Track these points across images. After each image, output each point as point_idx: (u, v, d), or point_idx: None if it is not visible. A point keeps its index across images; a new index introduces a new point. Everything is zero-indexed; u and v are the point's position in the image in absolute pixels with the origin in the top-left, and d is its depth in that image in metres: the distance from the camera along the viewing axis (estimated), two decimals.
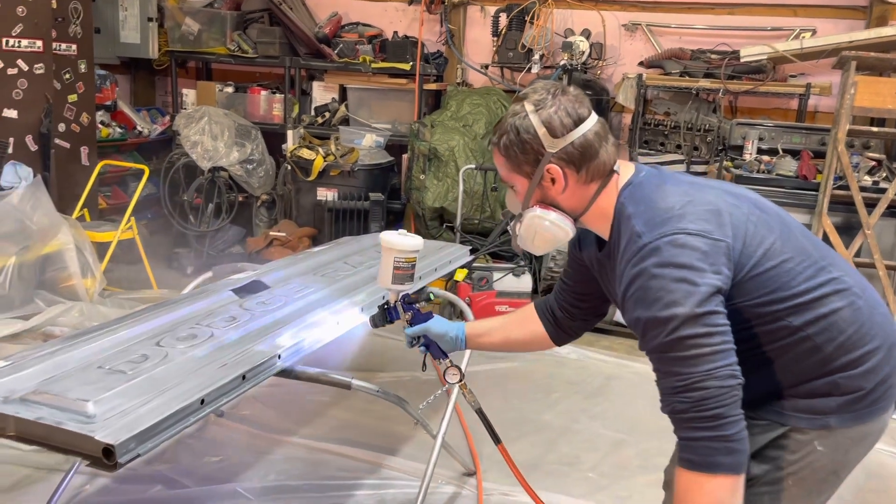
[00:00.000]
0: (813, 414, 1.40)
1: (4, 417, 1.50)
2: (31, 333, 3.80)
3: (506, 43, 5.25)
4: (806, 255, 1.40)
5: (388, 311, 1.92)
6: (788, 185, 4.14)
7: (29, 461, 2.74)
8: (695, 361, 1.28)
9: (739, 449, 1.28)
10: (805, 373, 1.40)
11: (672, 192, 1.41)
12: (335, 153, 5.08)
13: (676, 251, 1.31)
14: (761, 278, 1.36)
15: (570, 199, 1.49)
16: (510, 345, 1.94)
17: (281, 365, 1.90)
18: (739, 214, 1.40)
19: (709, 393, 1.27)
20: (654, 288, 1.31)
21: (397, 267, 1.84)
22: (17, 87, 4.51)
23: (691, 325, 1.28)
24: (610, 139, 1.49)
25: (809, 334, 1.37)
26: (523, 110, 1.47)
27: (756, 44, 4.65)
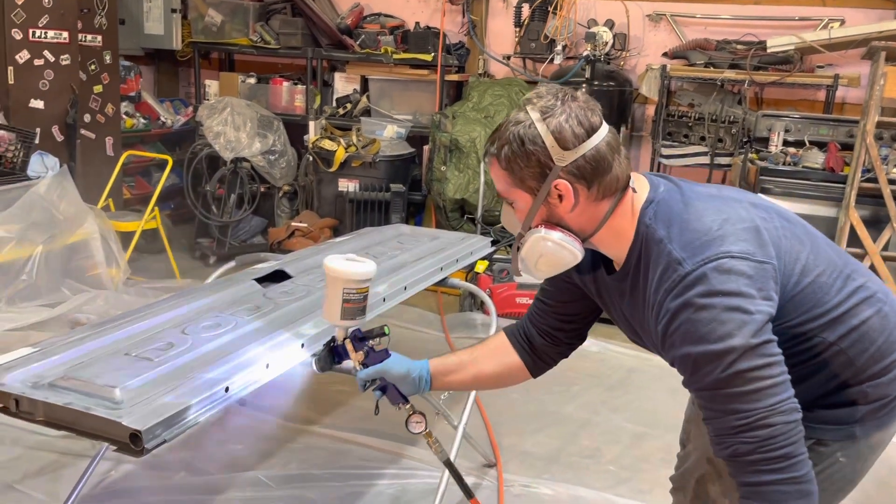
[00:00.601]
0: (838, 424, 1.34)
1: (34, 403, 1.52)
2: (57, 321, 3.86)
3: (528, 33, 5.22)
4: (833, 265, 1.34)
5: (336, 350, 1.65)
6: (815, 177, 4.08)
7: (55, 447, 2.79)
8: (756, 396, 1.18)
9: (812, 491, 1.19)
10: (835, 385, 1.34)
11: (703, 209, 1.29)
12: (357, 144, 5.08)
13: (723, 277, 1.19)
14: (799, 297, 1.28)
15: (579, 218, 1.33)
16: (482, 381, 1.72)
17: (304, 353, 1.91)
18: (773, 230, 1.30)
19: (776, 430, 1.17)
20: (703, 320, 1.19)
21: (347, 299, 1.56)
22: (43, 77, 4.56)
23: (749, 357, 1.17)
24: (622, 151, 1.34)
25: (843, 348, 1.31)
26: (528, 118, 1.30)
27: (783, 34, 4.59)
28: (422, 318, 4.34)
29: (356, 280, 1.56)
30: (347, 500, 2.60)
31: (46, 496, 2.51)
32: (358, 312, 1.60)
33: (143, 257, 5.27)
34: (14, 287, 3.93)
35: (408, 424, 1.69)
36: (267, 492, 2.61)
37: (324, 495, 2.62)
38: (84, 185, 4.67)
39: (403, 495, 2.65)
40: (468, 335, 4.18)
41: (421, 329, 4.23)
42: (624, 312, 1.44)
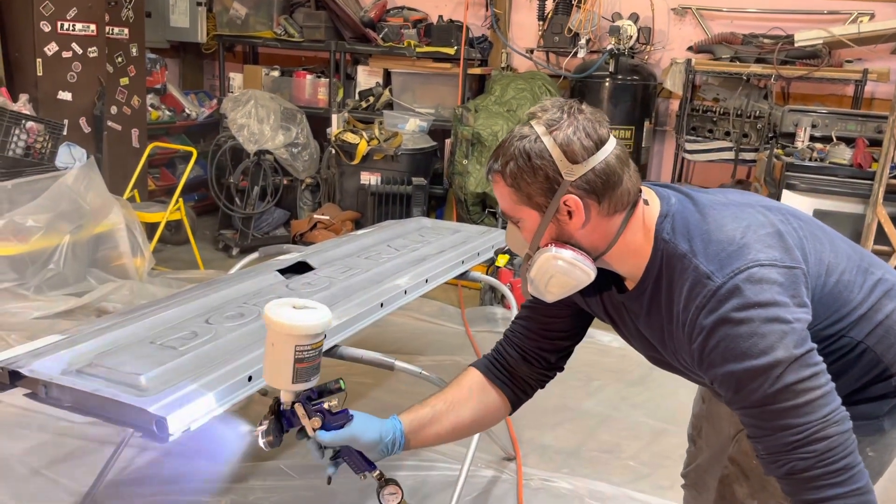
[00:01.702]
0: (867, 419, 1.30)
1: (62, 389, 1.55)
2: (84, 310, 3.92)
3: (552, 27, 5.20)
4: (851, 260, 1.30)
5: (284, 417, 1.34)
6: (842, 173, 4.03)
7: (81, 433, 2.83)
8: (808, 409, 1.12)
9: (874, 501, 1.14)
10: (863, 383, 1.31)
11: (721, 218, 1.24)
12: (379, 137, 5.10)
13: (757, 288, 1.14)
14: (827, 298, 1.24)
15: (590, 235, 1.26)
16: (460, 430, 1.53)
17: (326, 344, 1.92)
18: (793, 232, 1.26)
19: (833, 442, 1.12)
20: (743, 335, 1.13)
21: (300, 359, 1.25)
22: (71, 70, 4.62)
23: (795, 369, 1.12)
24: (632, 164, 1.27)
25: (870, 346, 1.27)
26: (533, 132, 1.23)
27: (811, 28, 4.52)
28: (442, 312, 4.35)
29: (311, 335, 1.26)
30: (367, 490, 2.61)
31: (72, 482, 2.55)
32: (312, 372, 1.29)
33: (167, 248, 5.33)
34: (42, 276, 4.00)
35: (380, 497, 1.43)
36: (288, 481, 2.64)
37: (344, 486, 2.63)
38: (110, 176, 4.73)
39: (422, 487, 2.66)
40: (488, 329, 4.19)
41: (441, 322, 4.24)
42: (640, 330, 1.37)
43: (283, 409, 1.33)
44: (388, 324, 4.05)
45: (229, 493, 2.54)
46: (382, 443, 1.42)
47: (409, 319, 4.22)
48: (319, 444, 1.36)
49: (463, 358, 3.79)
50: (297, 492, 2.58)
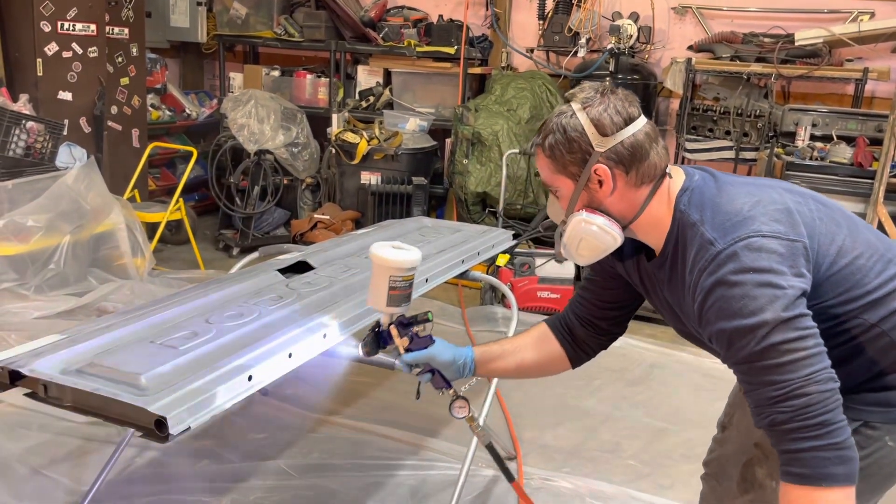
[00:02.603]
0: (886, 407, 1.35)
1: (62, 388, 1.55)
2: (84, 310, 3.91)
3: (552, 26, 5.20)
4: (873, 249, 1.35)
5: (381, 335, 1.66)
6: (842, 172, 4.03)
7: (82, 433, 2.84)
8: (791, 367, 1.21)
9: (851, 457, 1.21)
10: (880, 369, 1.35)
11: (736, 193, 1.35)
12: (379, 137, 5.10)
13: (754, 255, 1.24)
14: (836, 277, 1.31)
15: (618, 203, 1.39)
16: (524, 370, 1.76)
17: (326, 343, 1.92)
18: (807, 212, 1.34)
19: (812, 399, 1.20)
20: (736, 296, 1.24)
21: (393, 287, 1.57)
22: (71, 69, 4.62)
23: (782, 330, 1.21)
24: (660, 141, 1.41)
25: (885, 330, 1.32)
26: (570, 109, 1.39)
27: (811, 27, 4.52)
28: (443, 311, 4.35)
29: (403, 268, 1.57)
30: (368, 490, 2.62)
31: (72, 481, 2.55)
32: (403, 299, 1.61)
33: (167, 248, 5.33)
34: (42, 276, 4.00)
35: (451, 409, 1.71)
36: (289, 481, 2.64)
37: (344, 485, 2.64)
38: (110, 176, 4.73)
39: (423, 486, 2.66)
40: (489, 328, 4.19)
41: (441, 322, 4.24)
42: (667, 299, 1.47)
43: (381, 329, 1.65)
44: None
45: (230, 492, 2.54)
46: (455, 364, 1.65)
47: None
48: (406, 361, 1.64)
49: None
50: (297, 491, 2.58)
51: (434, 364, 1.64)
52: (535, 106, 5.06)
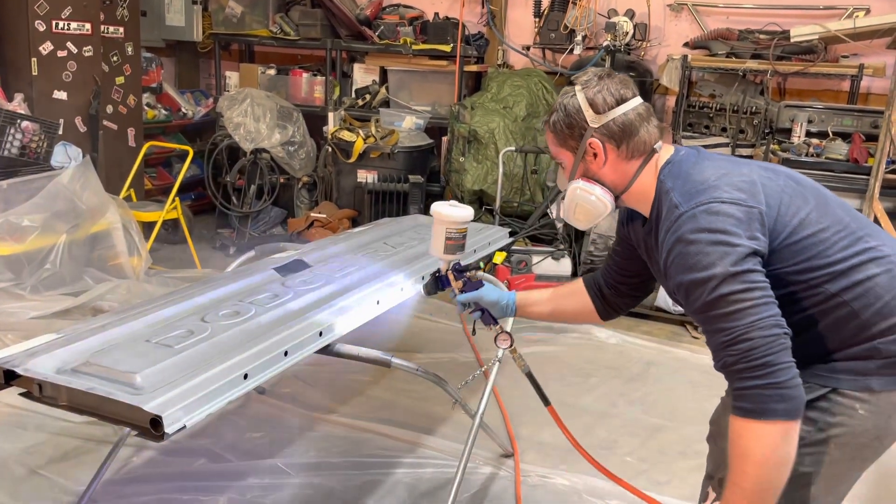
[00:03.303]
0: (854, 375, 1.42)
1: (57, 388, 1.55)
2: (81, 309, 3.91)
3: (548, 24, 5.19)
4: (843, 225, 1.45)
5: (440, 279, 1.99)
6: (838, 168, 4.03)
7: (78, 433, 2.83)
8: (738, 315, 1.33)
9: (792, 395, 1.31)
10: (845, 338, 1.43)
11: (708, 166, 1.49)
12: (375, 135, 5.09)
13: (712, 218, 1.38)
14: (797, 246, 1.42)
15: (611, 173, 1.58)
16: (557, 315, 2.01)
17: (322, 342, 1.92)
18: (774, 186, 1.46)
19: (755, 343, 1.32)
20: (692, 253, 1.38)
21: (449, 237, 1.91)
22: (66, 69, 4.61)
23: (730, 282, 1.34)
24: (653, 121, 1.57)
25: (846, 300, 1.41)
26: (572, 90, 1.58)
27: (807, 23, 4.52)
28: (439, 310, 4.35)
29: (457, 222, 1.90)
30: (365, 488, 2.62)
31: (69, 481, 2.55)
32: (458, 248, 1.93)
33: (164, 247, 5.32)
34: (38, 276, 3.99)
35: (496, 341, 2.04)
36: (286, 479, 2.64)
37: (342, 483, 2.64)
38: (106, 176, 4.72)
39: (420, 484, 2.66)
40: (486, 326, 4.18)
41: (439, 320, 4.24)
42: (658, 262, 1.57)
43: (440, 274, 1.98)
44: (385, 321, 4.05)
45: (227, 491, 2.54)
46: (500, 304, 1.94)
47: (407, 317, 4.21)
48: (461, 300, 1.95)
49: (460, 355, 3.79)
50: (294, 490, 2.58)
51: (482, 303, 1.94)
52: (532, 103, 5.05)
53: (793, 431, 1.32)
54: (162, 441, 1.44)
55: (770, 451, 1.32)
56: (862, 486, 2.82)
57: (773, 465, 1.33)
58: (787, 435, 1.32)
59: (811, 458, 1.44)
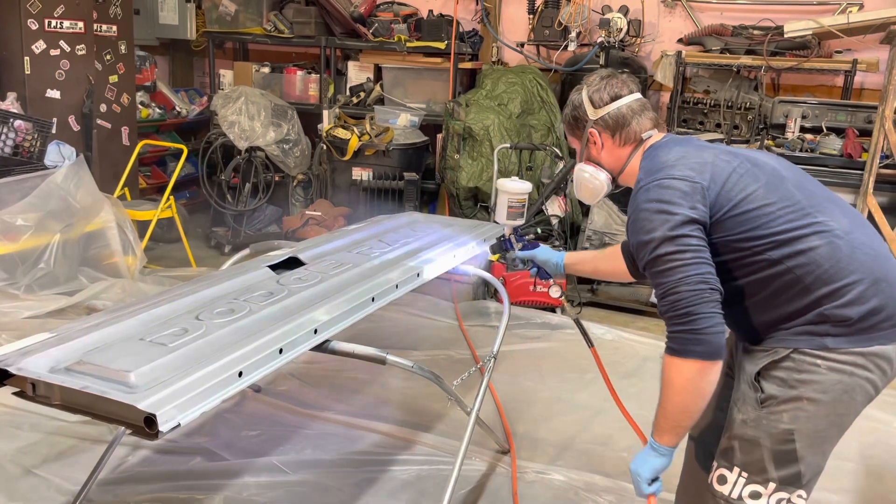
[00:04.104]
0: (810, 336, 1.60)
1: (50, 387, 1.54)
2: (75, 309, 3.90)
3: (542, 21, 5.19)
4: (793, 202, 1.62)
5: (505, 241, 2.49)
6: (832, 163, 4.04)
7: (74, 432, 2.83)
8: (670, 273, 1.57)
9: (708, 340, 1.54)
10: (795, 304, 1.61)
11: (675, 150, 1.72)
12: (370, 133, 5.09)
13: (661, 191, 1.62)
14: (741, 217, 1.61)
15: (608, 158, 1.89)
16: (597, 273, 2.37)
17: (317, 339, 1.92)
18: (726, 167, 1.66)
19: (681, 296, 1.55)
20: (641, 219, 1.63)
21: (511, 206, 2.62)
22: (59, 67, 4.59)
23: (666, 244, 1.58)
24: (646, 114, 1.84)
25: (789, 266, 1.59)
26: (580, 89, 1.89)
27: (801, 18, 4.53)
28: (435, 307, 4.35)
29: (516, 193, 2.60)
30: (361, 485, 2.62)
31: (65, 481, 2.54)
32: (518, 216, 2.59)
33: (159, 246, 5.32)
34: (32, 275, 3.98)
35: (550, 290, 2.57)
36: (282, 477, 2.63)
37: (338, 481, 2.63)
38: (100, 175, 4.71)
39: (416, 481, 2.66)
40: (482, 323, 4.19)
41: (434, 317, 4.24)
42: None
43: (504, 237, 2.50)
44: (381, 319, 4.05)
45: (223, 489, 2.54)
46: (551, 262, 2.36)
47: (403, 315, 4.21)
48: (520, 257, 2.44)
49: (456, 352, 3.79)
50: (290, 488, 2.58)
51: (537, 261, 2.38)
52: (526, 100, 5.05)
53: (707, 369, 1.56)
54: (156, 440, 1.43)
55: (686, 383, 1.58)
56: (857, 482, 2.84)
57: (688, 393, 1.59)
58: (701, 371, 1.56)
59: (788, 414, 1.62)
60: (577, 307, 4.57)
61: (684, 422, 1.64)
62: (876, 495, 2.77)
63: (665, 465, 1.70)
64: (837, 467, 2.93)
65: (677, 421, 1.64)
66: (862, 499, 2.74)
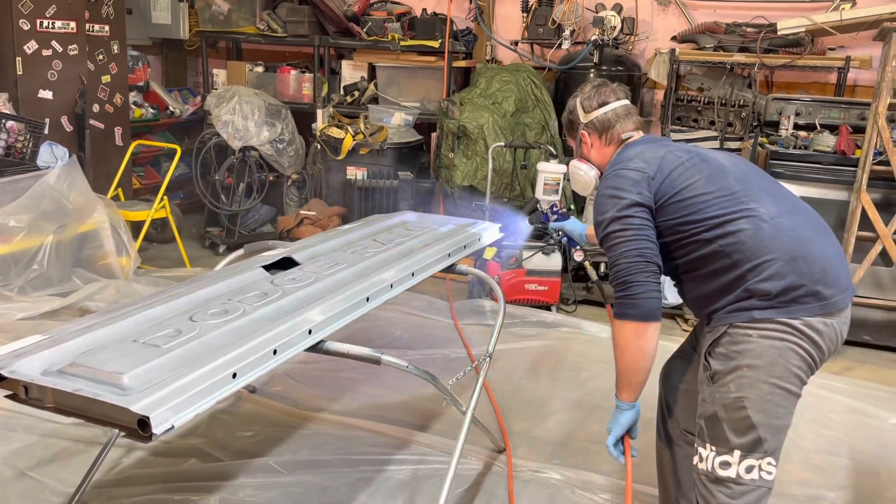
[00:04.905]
0: (740, 311, 1.78)
1: (42, 389, 1.53)
2: (69, 310, 3.88)
3: (536, 19, 5.19)
4: (730, 192, 1.83)
5: (542, 214, 3.10)
6: (826, 160, 4.05)
7: (68, 434, 2.82)
8: (615, 247, 1.84)
9: (641, 305, 1.78)
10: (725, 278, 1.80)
11: (638, 148, 1.98)
12: (364, 132, 5.08)
13: (616, 180, 1.89)
14: (680, 204, 1.84)
15: (596, 156, 2.15)
16: None
17: (311, 339, 1.91)
18: (675, 160, 1.90)
19: (620, 267, 1.82)
20: (599, 203, 1.91)
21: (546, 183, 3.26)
22: (51, 68, 4.58)
23: (613, 223, 1.84)
24: (629, 118, 2.09)
25: (720, 245, 1.79)
26: (575, 96, 2.16)
27: (794, 16, 4.53)
28: (430, 306, 4.35)
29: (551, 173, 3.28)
30: (357, 485, 2.62)
31: (59, 483, 2.53)
32: (552, 192, 3.26)
33: (153, 246, 5.30)
34: (26, 276, 3.96)
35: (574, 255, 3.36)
36: (277, 478, 2.63)
37: (334, 481, 2.63)
38: (93, 175, 4.69)
39: (412, 481, 2.66)
40: (477, 322, 4.19)
41: (430, 316, 4.24)
42: None
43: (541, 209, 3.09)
44: (377, 318, 4.04)
45: (218, 491, 2.53)
46: (576, 232, 2.69)
47: (399, 314, 4.21)
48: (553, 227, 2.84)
49: (452, 351, 3.79)
50: (286, 489, 2.57)
51: (565, 231, 2.73)
52: (520, 99, 5.05)
53: (642, 330, 1.80)
54: (150, 442, 1.42)
55: (626, 342, 1.83)
56: (852, 478, 2.84)
57: (630, 352, 1.84)
58: (637, 331, 1.80)
59: (734, 383, 1.78)
60: (573, 305, 4.57)
61: (635, 378, 1.88)
62: (871, 491, 2.78)
63: (632, 417, 1.97)
64: (832, 463, 2.94)
65: (629, 378, 1.89)
66: (857, 495, 2.75)
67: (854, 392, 3.51)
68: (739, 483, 1.78)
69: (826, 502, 2.69)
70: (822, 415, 3.31)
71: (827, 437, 3.14)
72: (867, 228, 3.87)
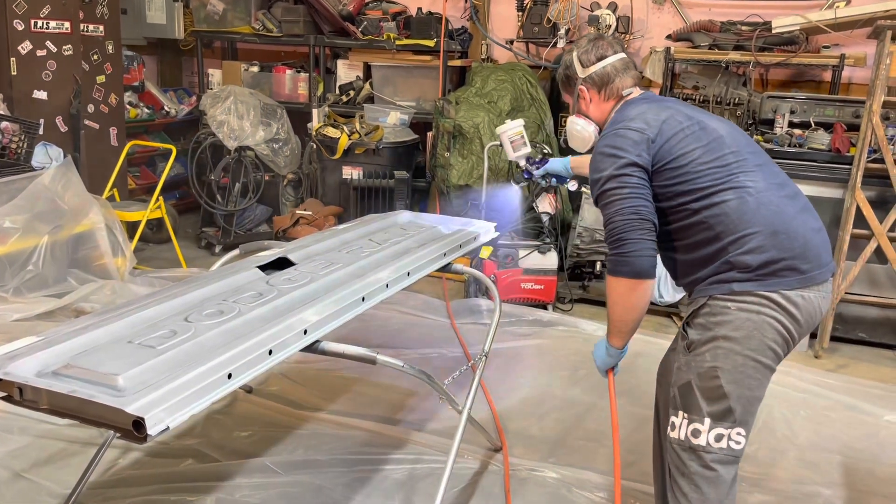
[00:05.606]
0: (720, 283, 1.83)
1: (37, 391, 1.53)
2: (64, 311, 3.88)
3: (531, 18, 5.19)
4: (723, 164, 1.85)
5: (525, 172, 3.14)
6: (821, 158, 4.06)
7: (63, 435, 2.81)
8: (610, 205, 1.85)
9: (633, 262, 1.80)
10: (708, 249, 1.84)
11: (640, 106, 1.97)
12: (360, 131, 5.08)
13: (616, 139, 1.89)
14: (675, 171, 1.85)
15: (595, 111, 2.13)
16: None
17: (307, 340, 1.91)
18: (677, 126, 1.89)
19: (615, 224, 1.83)
20: (597, 160, 1.91)
21: (512, 141, 3.15)
22: (46, 68, 4.56)
23: (610, 181, 1.85)
24: (628, 73, 2.08)
25: (705, 216, 1.83)
26: (571, 51, 2.14)
27: (788, 14, 4.54)
28: (427, 305, 4.35)
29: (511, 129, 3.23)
30: (354, 485, 2.62)
31: (55, 484, 2.53)
32: (521, 146, 3.18)
33: (148, 247, 5.29)
34: (21, 277, 3.96)
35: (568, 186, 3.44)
36: (274, 478, 2.63)
37: (330, 481, 2.63)
38: (88, 176, 4.68)
39: (409, 480, 2.66)
40: (473, 321, 4.19)
41: (426, 315, 4.24)
42: None
43: (524, 167, 3.16)
44: (373, 318, 4.04)
45: (215, 491, 2.53)
46: (562, 167, 2.91)
47: (395, 313, 4.21)
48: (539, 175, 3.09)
49: (448, 350, 3.79)
50: (283, 488, 2.57)
51: (551, 171, 2.95)
52: (516, 98, 5.05)
53: (634, 286, 1.83)
54: (145, 443, 1.42)
55: (618, 297, 1.88)
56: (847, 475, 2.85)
57: (622, 306, 1.89)
58: (629, 287, 1.84)
59: (710, 353, 1.82)
60: (569, 304, 4.57)
61: (624, 328, 1.95)
62: (867, 488, 2.79)
63: (613, 363, 2.10)
64: (827, 460, 2.95)
65: (618, 327, 1.95)
66: (853, 492, 2.76)
67: (849, 389, 3.53)
68: (709, 451, 1.83)
69: (821, 499, 2.70)
70: (817, 412, 3.32)
71: (822, 434, 3.15)
72: (862, 226, 3.88)
